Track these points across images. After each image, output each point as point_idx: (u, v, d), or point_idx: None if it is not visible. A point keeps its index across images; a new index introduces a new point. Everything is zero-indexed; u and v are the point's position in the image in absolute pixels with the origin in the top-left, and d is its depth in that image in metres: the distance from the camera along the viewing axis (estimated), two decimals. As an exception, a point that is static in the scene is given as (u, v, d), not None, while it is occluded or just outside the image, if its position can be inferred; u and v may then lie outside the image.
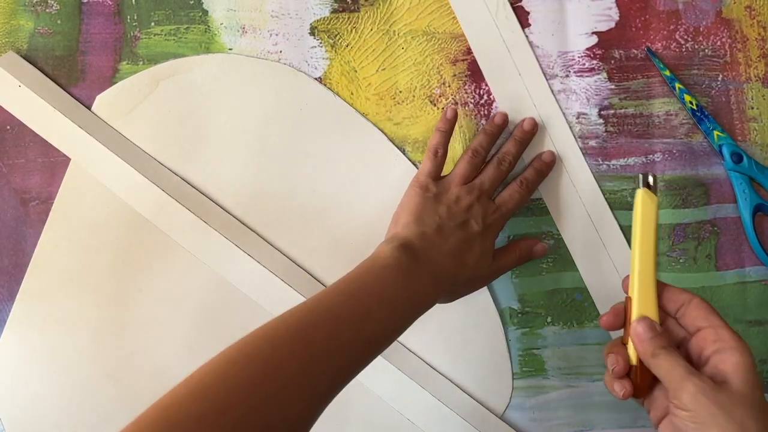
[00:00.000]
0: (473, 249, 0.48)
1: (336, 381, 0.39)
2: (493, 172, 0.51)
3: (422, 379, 0.53)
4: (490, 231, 0.49)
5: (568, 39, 0.56)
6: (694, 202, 0.55)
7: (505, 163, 0.52)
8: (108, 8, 0.56)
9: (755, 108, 0.56)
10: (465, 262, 0.47)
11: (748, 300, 0.55)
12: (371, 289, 0.42)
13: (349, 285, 0.42)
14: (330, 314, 0.40)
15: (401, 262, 0.43)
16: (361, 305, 0.41)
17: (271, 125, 0.55)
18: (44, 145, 0.54)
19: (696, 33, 0.57)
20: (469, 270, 0.48)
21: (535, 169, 0.53)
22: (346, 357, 0.39)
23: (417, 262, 0.44)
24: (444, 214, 0.48)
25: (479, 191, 0.50)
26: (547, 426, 0.54)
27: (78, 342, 0.53)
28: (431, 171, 0.50)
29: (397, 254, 0.44)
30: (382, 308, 0.41)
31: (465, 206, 0.49)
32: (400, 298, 0.42)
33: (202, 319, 0.53)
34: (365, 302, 0.41)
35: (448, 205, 0.48)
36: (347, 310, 0.40)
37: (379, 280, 0.43)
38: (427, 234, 0.46)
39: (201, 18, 0.56)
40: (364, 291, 0.42)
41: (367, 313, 0.41)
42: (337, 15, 0.56)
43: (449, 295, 0.49)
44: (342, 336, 0.39)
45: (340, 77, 0.56)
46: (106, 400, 0.52)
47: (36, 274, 0.53)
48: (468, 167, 0.51)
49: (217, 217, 0.54)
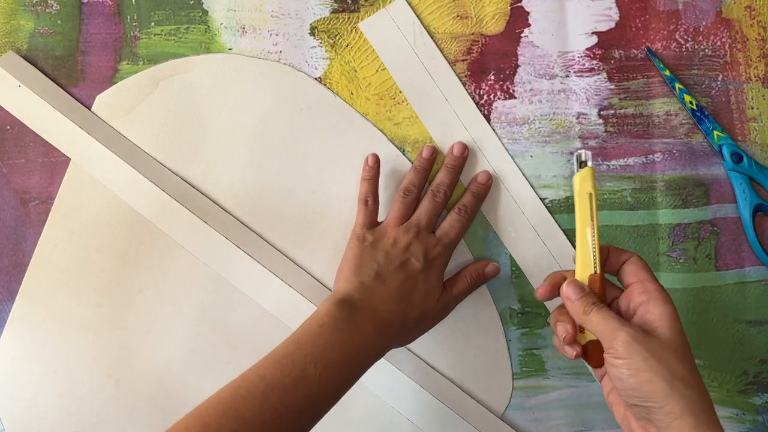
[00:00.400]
0: (417, 287, 0.48)
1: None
2: (428, 206, 0.51)
3: (422, 379, 0.53)
4: (434, 265, 0.49)
5: (568, 39, 0.56)
6: (694, 202, 0.55)
7: (440, 194, 0.51)
8: (108, 8, 0.56)
9: (755, 108, 0.56)
10: (411, 302, 0.47)
11: (748, 300, 0.55)
12: (307, 349, 0.42)
13: (285, 349, 0.42)
14: (262, 383, 0.40)
15: (337, 318, 0.44)
16: (294, 368, 0.41)
17: (271, 125, 0.55)
18: (44, 145, 0.54)
19: (696, 33, 0.57)
20: (417, 309, 0.48)
21: (472, 192, 0.53)
22: (280, 427, 0.39)
23: (355, 315, 0.44)
24: (382, 260, 0.48)
25: (417, 228, 0.50)
26: (547, 426, 0.54)
27: (78, 342, 0.53)
28: (365, 221, 0.51)
29: (332, 310, 0.44)
30: (317, 367, 0.41)
31: (403, 246, 0.49)
32: (337, 354, 0.42)
33: (202, 319, 0.53)
34: (299, 364, 0.41)
35: (385, 251, 0.48)
36: (278, 376, 0.40)
37: (315, 339, 0.43)
38: (365, 283, 0.46)
39: (201, 18, 0.56)
40: (299, 353, 0.42)
41: (300, 376, 0.41)
42: (337, 15, 0.56)
43: (404, 336, 0.49)
44: (272, 403, 0.39)
45: (340, 77, 0.56)
46: (106, 400, 0.52)
47: (36, 274, 0.53)
48: (402, 207, 0.51)
49: (217, 217, 0.54)
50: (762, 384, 0.54)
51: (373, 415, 0.53)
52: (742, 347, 0.54)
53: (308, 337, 0.43)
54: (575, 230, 0.44)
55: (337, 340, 0.43)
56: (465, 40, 0.56)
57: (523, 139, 0.56)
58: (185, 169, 0.55)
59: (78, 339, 0.53)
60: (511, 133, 0.56)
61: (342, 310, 0.44)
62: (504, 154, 0.55)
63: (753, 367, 0.54)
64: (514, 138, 0.56)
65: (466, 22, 0.56)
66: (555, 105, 0.56)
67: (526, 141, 0.56)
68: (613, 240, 0.55)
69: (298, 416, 0.40)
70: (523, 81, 0.56)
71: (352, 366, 0.43)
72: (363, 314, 0.45)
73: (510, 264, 0.55)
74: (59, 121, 0.53)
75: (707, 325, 0.54)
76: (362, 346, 0.44)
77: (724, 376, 0.54)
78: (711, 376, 0.54)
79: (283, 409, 0.39)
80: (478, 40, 0.56)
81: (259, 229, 0.54)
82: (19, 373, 0.52)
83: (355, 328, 0.44)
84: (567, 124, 0.56)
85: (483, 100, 0.56)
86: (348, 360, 0.43)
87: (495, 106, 0.56)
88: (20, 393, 0.52)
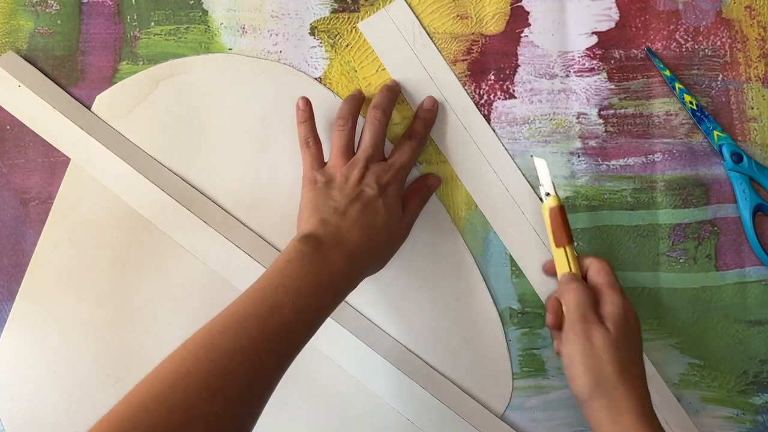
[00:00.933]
0: (378, 212, 0.48)
1: (256, 379, 0.39)
2: (369, 132, 0.51)
3: (422, 379, 0.53)
4: (389, 191, 0.49)
5: (568, 39, 0.56)
6: (694, 202, 0.55)
7: (378, 113, 0.51)
8: (108, 8, 0.56)
9: (755, 108, 0.56)
10: (375, 227, 0.48)
11: (748, 300, 0.55)
12: (277, 281, 0.42)
13: (256, 284, 0.43)
14: (235, 316, 0.41)
15: (303, 252, 0.44)
16: (267, 298, 0.41)
17: (271, 125, 0.55)
18: (44, 145, 0.54)
19: (696, 33, 0.57)
20: (384, 233, 0.49)
21: (419, 119, 0.54)
22: (260, 353, 0.39)
23: (321, 247, 0.45)
24: (338, 197, 0.48)
25: (364, 160, 0.50)
26: (547, 426, 0.54)
27: (78, 342, 0.53)
28: (312, 162, 0.51)
29: (299, 246, 0.45)
30: (290, 296, 0.42)
31: (355, 181, 0.49)
32: (308, 284, 0.43)
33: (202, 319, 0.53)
34: (271, 294, 0.42)
35: (339, 188, 0.49)
36: (253, 307, 0.41)
37: (284, 272, 0.43)
38: (326, 219, 0.47)
39: (201, 18, 0.56)
40: (270, 285, 0.42)
41: (274, 305, 0.41)
42: (337, 15, 0.56)
43: (375, 262, 0.49)
44: (249, 332, 0.39)
45: (340, 77, 0.56)
46: (106, 400, 0.52)
47: (36, 274, 0.53)
48: (340, 138, 0.51)
49: (216, 216, 0.54)
50: (762, 384, 0.54)
51: (373, 415, 0.53)
52: (742, 347, 0.54)
53: (278, 272, 0.43)
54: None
55: (306, 271, 0.43)
56: (465, 40, 0.56)
57: (523, 139, 0.56)
58: (185, 169, 0.55)
59: (78, 339, 0.53)
60: (511, 132, 0.56)
61: (308, 244, 0.45)
62: (504, 154, 0.55)
63: (753, 367, 0.54)
64: (514, 138, 0.56)
65: (466, 22, 0.56)
66: (555, 105, 0.56)
67: (526, 141, 0.56)
68: (613, 240, 0.55)
69: (276, 342, 0.40)
70: (523, 81, 0.56)
71: (325, 294, 0.44)
72: (329, 245, 0.45)
73: (510, 264, 0.55)
74: (59, 120, 0.53)
75: (707, 325, 0.54)
76: (333, 273, 0.44)
77: (724, 376, 0.54)
78: (711, 376, 0.54)
79: (260, 335, 0.40)
80: (478, 40, 0.56)
81: (259, 229, 0.54)
82: (19, 373, 0.52)
83: (322, 258, 0.44)
84: (567, 124, 0.56)
85: (483, 100, 0.56)
86: (320, 288, 0.43)
87: (495, 106, 0.56)
88: (20, 393, 0.52)
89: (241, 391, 0.38)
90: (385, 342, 0.53)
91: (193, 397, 0.36)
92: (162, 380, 0.37)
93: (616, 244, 0.55)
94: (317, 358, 0.53)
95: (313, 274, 0.43)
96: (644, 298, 0.55)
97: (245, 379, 0.38)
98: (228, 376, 0.38)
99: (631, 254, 0.55)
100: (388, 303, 0.54)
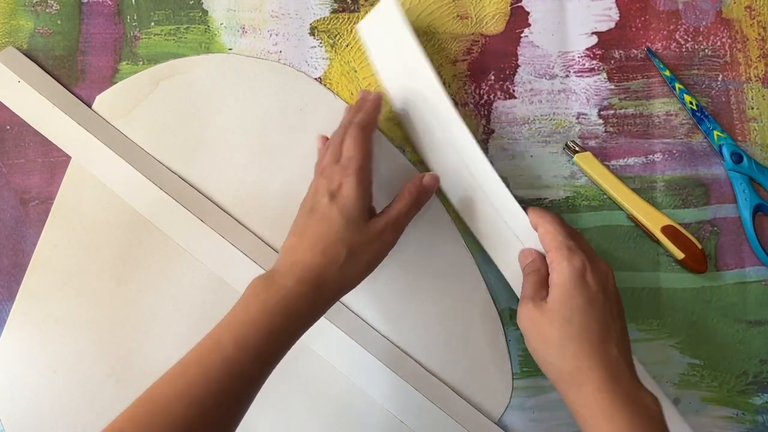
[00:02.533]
0: (332, 220, 0.44)
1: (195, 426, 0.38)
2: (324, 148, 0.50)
3: (415, 381, 0.53)
4: (343, 192, 0.45)
5: (568, 39, 0.56)
6: (694, 202, 0.55)
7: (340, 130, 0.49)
8: (108, 8, 0.56)
9: (755, 108, 0.56)
10: (330, 239, 0.44)
11: (748, 300, 0.55)
12: (223, 321, 0.42)
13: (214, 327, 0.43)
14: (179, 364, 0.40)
15: (255, 285, 0.43)
16: (208, 339, 0.41)
17: (271, 125, 0.55)
18: (44, 144, 0.54)
19: (696, 33, 0.57)
20: (342, 242, 0.44)
21: (359, 108, 0.50)
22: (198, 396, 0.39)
23: (273, 277, 0.43)
24: (299, 217, 0.47)
25: (321, 169, 0.48)
26: (547, 426, 0.54)
27: (78, 342, 0.53)
28: None
29: (253, 282, 0.44)
30: (232, 332, 0.41)
31: (311, 193, 0.47)
32: (254, 314, 0.42)
33: (202, 319, 0.53)
34: (213, 334, 0.41)
35: (301, 206, 0.47)
36: (196, 351, 0.41)
37: (232, 311, 0.43)
38: (285, 246, 0.45)
39: (201, 18, 0.56)
40: (216, 327, 0.42)
41: (214, 344, 0.41)
42: (337, 15, 0.56)
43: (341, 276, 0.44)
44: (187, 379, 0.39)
45: (340, 77, 0.56)
46: (106, 400, 0.52)
47: (36, 274, 0.53)
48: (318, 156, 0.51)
49: (216, 217, 0.54)
50: (762, 384, 0.54)
51: (370, 418, 0.53)
52: (742, 347, 0.54)
53: (228, 312, 0.43)
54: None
55: (251, 303, 0.42)
56: (465, 40, 0.56)
57: (523, 139, 0.56)
58: (185, 169, 0.55)
59: (78, 339, 0.53)
60: (511, 133, 0.56)
61: (261, 278, 0.44)
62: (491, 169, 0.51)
63: (753, 367, 0.54)
64: (514, 138, 0.56)
65: (466, 22, 0.56)
66: (555, 105, 0.56)
67: (526, 141, 0.56)
68: (613, 240, 0.55)
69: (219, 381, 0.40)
70: (523, 81, 0.56)
71: (274, 321, 0.42)
72: (281, 272, 0.44)
73: (510, 264, 0.55)
74: (59, 118, 0.53)
75: (707, 325, 0.54)
76: (282, 299, 0.42)
77: (724, 376, 0.54)
78: (711, 376, 0.54)
79: (199, 377, 0.39)
80: (478, 40, 0.56)
81: (258, 230, 0.54)
82: (19, 373, 0.52)
83: (270, 286, 0.43)
84: (567, 124, 0.56)
85: (483, 100, 0.56)
86: (264, 316, 0.41)
87: (495, 106, 0.56)
88: (20, 393, 0.52)
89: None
90: (380, 343, 0.53)
91: None
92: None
93: (616, 244, 0.55)
94: (315, 359, 0.53)
95: (258, 304, 0.42)
96: (644, 298, 0.55)
97: (185, 424, 0.38)
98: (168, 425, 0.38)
99: (631, 254, 0.55)
100: (388, 304, 0.54)
